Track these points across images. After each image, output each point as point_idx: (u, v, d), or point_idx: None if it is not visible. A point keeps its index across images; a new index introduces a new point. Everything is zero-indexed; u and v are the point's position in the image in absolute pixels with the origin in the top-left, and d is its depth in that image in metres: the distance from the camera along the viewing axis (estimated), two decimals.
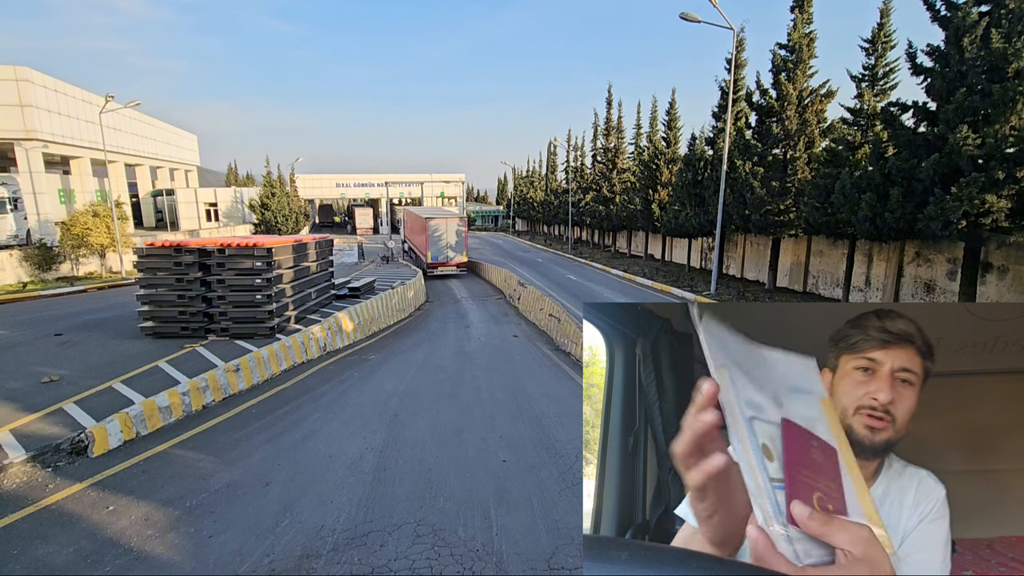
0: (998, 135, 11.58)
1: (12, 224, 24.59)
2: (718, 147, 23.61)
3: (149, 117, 42.06)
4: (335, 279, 18.35)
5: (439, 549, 5.17)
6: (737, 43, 22.01)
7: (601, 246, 44.85)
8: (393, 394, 9.78)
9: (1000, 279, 13.99)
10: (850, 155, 16.73)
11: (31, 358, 10.92)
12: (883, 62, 16.64)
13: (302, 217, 45.92)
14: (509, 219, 74.00)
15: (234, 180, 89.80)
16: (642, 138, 37.60)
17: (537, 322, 16.40)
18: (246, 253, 12.20)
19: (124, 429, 7.53)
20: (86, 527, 5.54)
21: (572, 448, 7.44)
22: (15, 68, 25.55)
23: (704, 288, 22.52)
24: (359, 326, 14.62)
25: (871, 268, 17.99)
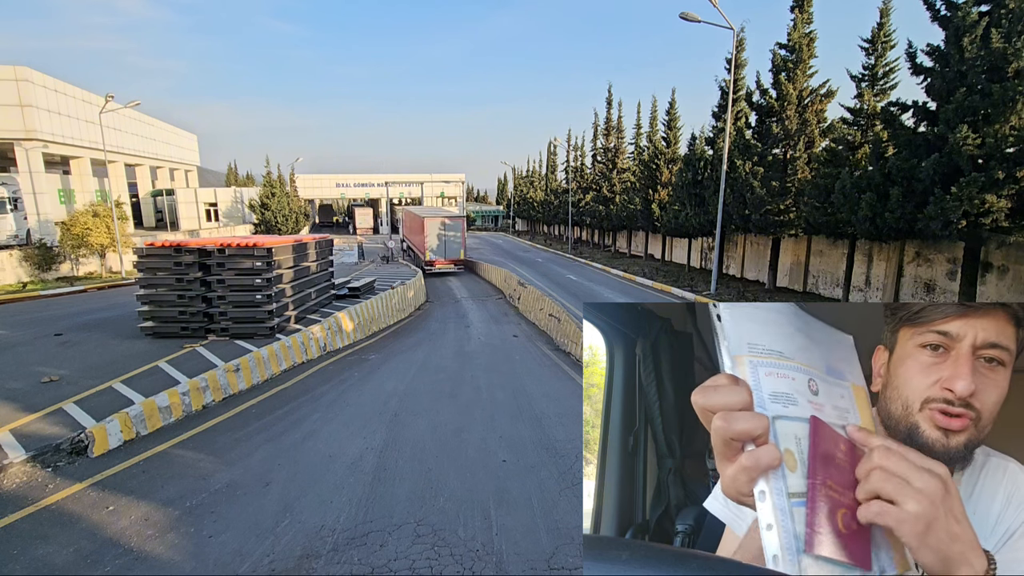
0: (998, 135, 11.58)
1: (12, 224, 24.59)
2: (718, 147, 23.60)
3: (149, 117, 42.05)
4: (335, 279, 18.35)
5: (439, 549, 5.17)
6: (737, 43, 22.00)
7: (601, 246, 44.85)
8: (393, 394, 9.77)
9: (1000, 279, 13.99)
10: (850, 155, 16.73)
11: (31, 358, 10.92)
12: (883, 62, 16.64)
13: (302, 217, 45.91)
14: (509, 219, 73.98)
15: (234, 180, 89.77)
16: (642, 138, 37.59)
17: (537, 322, 16.39)
18: (246, 253, 12.20)
19: (124, 429, 7.52)
20: (86, 527, 5.54)
21: (572, 448, 7.44)
22: (15, 68, 25.55)
23: (704, 288, 22.52)
24: (359, 326, 14.61)
25: (871, 268, 17.99)
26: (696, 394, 1.44)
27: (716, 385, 1.43)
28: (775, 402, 1.43)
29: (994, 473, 1.45)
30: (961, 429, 1.40)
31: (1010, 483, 1.43)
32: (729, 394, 1.40)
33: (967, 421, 1.39)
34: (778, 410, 1.41)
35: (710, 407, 1.40)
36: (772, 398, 1.43)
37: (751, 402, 1.39)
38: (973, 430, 1.40)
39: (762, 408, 1.41)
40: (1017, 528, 1.38)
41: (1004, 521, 1.40)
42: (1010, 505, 1.41)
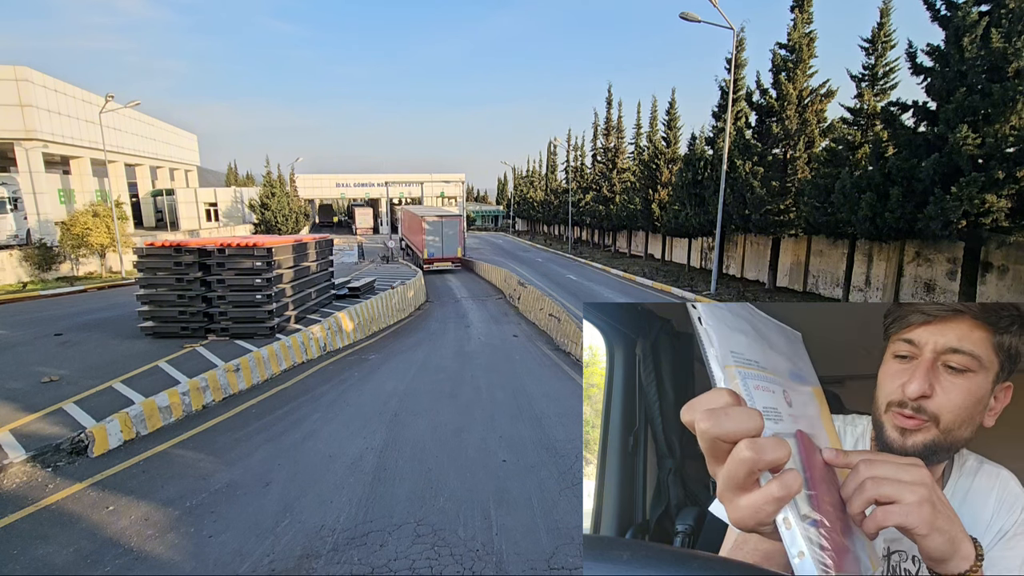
0: (998, 135, 11.58)
1: (12, 224, 24.59)
2: (718, 147, 23.60)
3: (149, 117, 42.05)
4: (335, 279, 18.35)
5: (439, 549, 5.17)
6: (737, 43, 22.00)
7: (601, 246, 44.85)
8: (393, 394, 9.77)
9: (1000, 279, 13.99)
10: (850, 155, 16.72)
11: (31, 358, 10.92)
12: (883, 62, 16.63)
13: (302, 217, 45.90)
14: (509, 219, 73.97)
15: (234, 180, 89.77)
16: (642, 138, 37.60)
17: (537, 322, 16.39)
18: (246, 253, 12.20)
19: (124, 429, 7.52)
20: (86, 527, 5.54)
21: (572, 448, 7.44)
22: (15, 68, 25.55)
23: (704, 288, 22.52)
24: (359, 326, 14.61)
25: (871, 268, 17.99)
26: (702, 420, 1.28)
27: (725, 408, 1.29)
28: (768, 418, 1.33)
29: (986, 479, 1.53)
30: (915, 429, 1.48)
31: (1001, 488, 1.51)
32: (743, 418, 1.27)
33: (920, 422, 1.47)
34: (771, 427, 1.33)
35: (725, 436, 1.26)
36: (764, 413, 1.33)
37: (763, 424, 1.28)
38: (934, 431, 1.47)
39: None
40: (1009, 528, 1.47)
41: (996, 523, 1.48)
42: (1001, 508, 1.49)
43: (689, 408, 1.33)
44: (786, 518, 1.26)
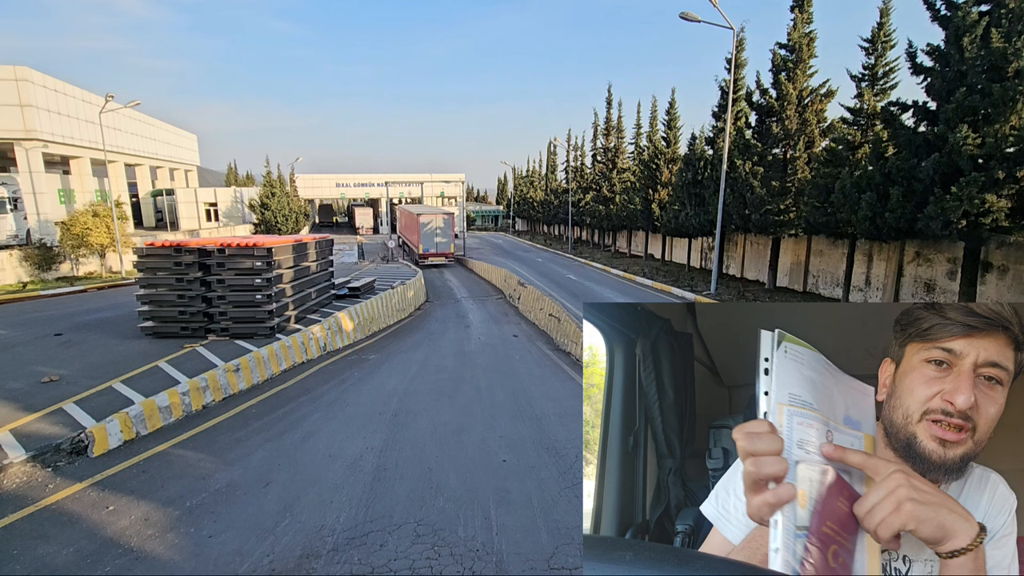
0: (998, 135, 11.58)
1: (12, 224, 24.59)
2: (718, 147, 23.61)
3: (149, 117, 42.06)
4: (335, 279, 18.35)
5: (439, 549, 5.17)
6: (737, 43, 22.01)
7: (601, 246, 44.85)
8: (393, 394, 9.77)
9: (1000, 279, 13.99)
10: (850, 155, 16.73)
11: (31, 358, 10.92)
12: (883, 62, 16.64)
13: (302, 217, 45.92)
14: (509, 219, 73.99)
15: (234, 180, 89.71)
16: (642, 138, 37.62)
17: (537, 322, 16.39)
18: (246, 253, 12.19)
19: (124, 429, 7.52)
20: (86, 527, 5.53)
21: (572, 448, 7.44)
22: (15, 68, 25.55)
23: (704, 288, 22.52)
24: (359, 326, 14.61)
25: (871, 268, 18.00)
26: (741, 439, 1.62)
27: (759, 432, 1.61)
28: (799, 448, 1.65)
29: (978, 483, 1.61)
30: (958, 441, 1.52)
31: (991, 491, 1.59)
32: (767, 442, 1.60)
33: (963, 434, 1.51)
34: (801, 455, 1.64)
35: (751, 451, 1.60)
36: (798, 444, 1.65)
37: (781, 449, 1.60)
38: (970, 443, 1.52)
39: (789, 453, 1.63)
40: (999, 529, 1.55)
41: (987, 522, 1.55)
42: (991, 508, 1.57)
43: (737, 429, 1.65)
44: (777, 520, 1.56)
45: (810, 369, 1.75)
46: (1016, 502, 1.60)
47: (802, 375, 1.73)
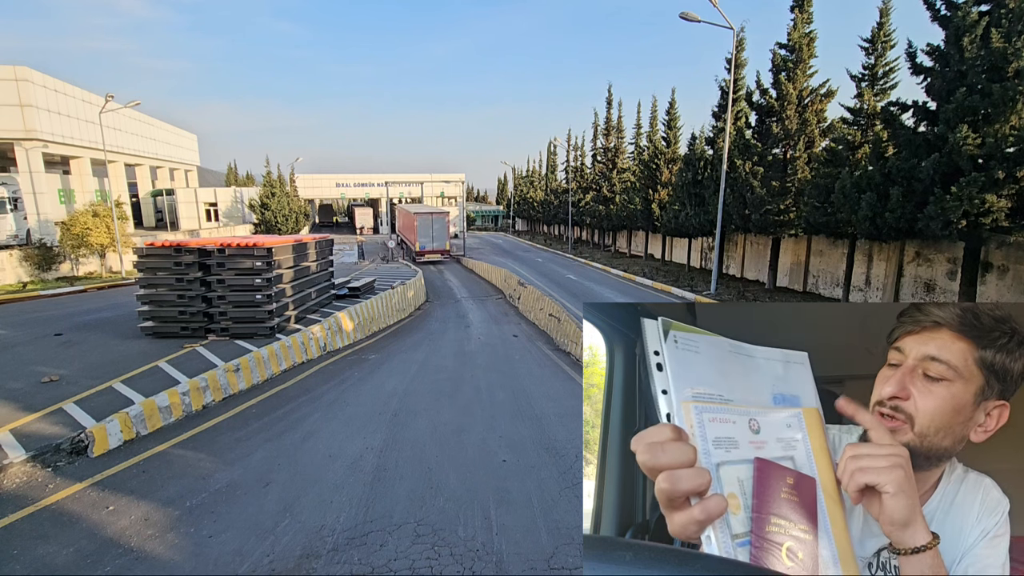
0: (998, 135, 11.58)
1: (12, 224, 24.58)
2: (718, 147, 23.60)
3: (149, 117, 42.04)
4: (335, 279, 18.35)
5: (439, 549, 5.17)
6: (737, 43, 22.00)
7: (601, 246, 44.84)
8: (393, 394, 9.77)
9: (1000, 279, 13.99)
10: (850, 155, 16.73)
11: (31, 358, 10.92)
12: (883, 62, 16.64)
13: (302, 217, 45.92)
14: (509, 219, 73.98)
15: (234, 180, 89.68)
16: (642, 138, 37.62)
17: (537, 322, 16.39)
18: (246, 253, 12.19)
19: (124, 429, 7.52)
20: (86, 527, 5.54)
21: (572, 448, 7.44)
22: (15, 68, 25.55)
23: (704, 288, 22.51)
24: (359, 326, 14.61)
25: (871, 268, 18.00)
26: (642, 452, 1.46)
27: (661, 442, 1.45)
28: (718, 447, 1.49)
29: (972, 486, 1.67)
30: (893, 429, 1.61)
31: (984, 494, 1.66)
32: (676, 453, 1.44)
33: (898, 423, 1.61)
34: (721, 456, 1.48)
35: (657, 467, 1.44)
36: (715, 443, 1.49)
37: (695, 457, 1.44)
38: (910, 433, 1.60)
39: (706, 454, 1.48)
40: (991, 529, 1.61)
41: (980, 523, 1.63)
42: (984, 510, 1.64)
43: (635, 440, 1.49)
44: (709, 535, 1.43)
45: (709, 356, 1.62)
46: (1008, 505, 1.63)
47: (702, 364, 1.59)
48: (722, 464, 1.47)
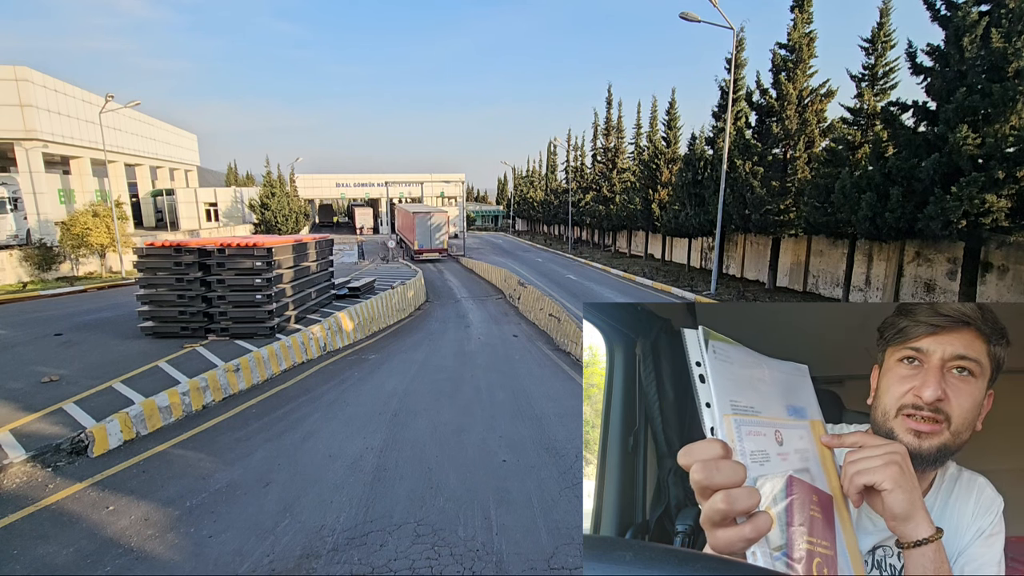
0: (998, 135, 11.58)
1: (12, 224, 24.58)
2: (718, 147, 23.60)
3: (149, 117, 42.04)
4: (335, 279, 18.35)
5: (439, 549, 5.17)
6: (737, 43, 22.00)
7: (601, 246, 44.84)
8: (393, 394, 9.77)
9: (1000, 279, 13.99)
10: (850, 155, 16.73)
11: (31, 358, 10.92)
12: (883, 62, 16.64)
13: (302, 217, 45.92)
14: (509, 219, 73.98)
15: (234, 180, 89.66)
16: (642, 138, 37.62)
17: (537, 322, 16.39)
18: (246, 253, 12.19)
19: (124, 429, 7.52)
20: (86, 527, 5.54)
21: (572, 448, 7.44)
22: (15, 68, 25.55)
23: (704, 288, 22.51)
24: (359, 326, 14.61)
25: (871, 268, 18.00)
26: (697, 471, 1.45)
27: (716, 460, 1.46)
28: (754, 461, 1.51)
29: (967, 485, 1.68)
30: (931, 432, 1.59)
31: (979, 493, 1.67)
32: (729, 472, 1.45)
33: (937, 426, 1.59)
34: (756, 469, 1.51)
35: (712, 487, 1.44)
36: (752, 457, 1.51)
37: (745, 476, 1.46)
38: (946, 435, 1.59)
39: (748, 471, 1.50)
40: (986, 528, 1.62)
41: (976, 522, 1.64)
42: (979, 509, 1.65)
43: (686, 453, 1.50)
44: (754, 552, 1.44)
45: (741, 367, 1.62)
46: (1003, 504, 1.64)
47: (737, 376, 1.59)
48: (759, 478, 1.49)
